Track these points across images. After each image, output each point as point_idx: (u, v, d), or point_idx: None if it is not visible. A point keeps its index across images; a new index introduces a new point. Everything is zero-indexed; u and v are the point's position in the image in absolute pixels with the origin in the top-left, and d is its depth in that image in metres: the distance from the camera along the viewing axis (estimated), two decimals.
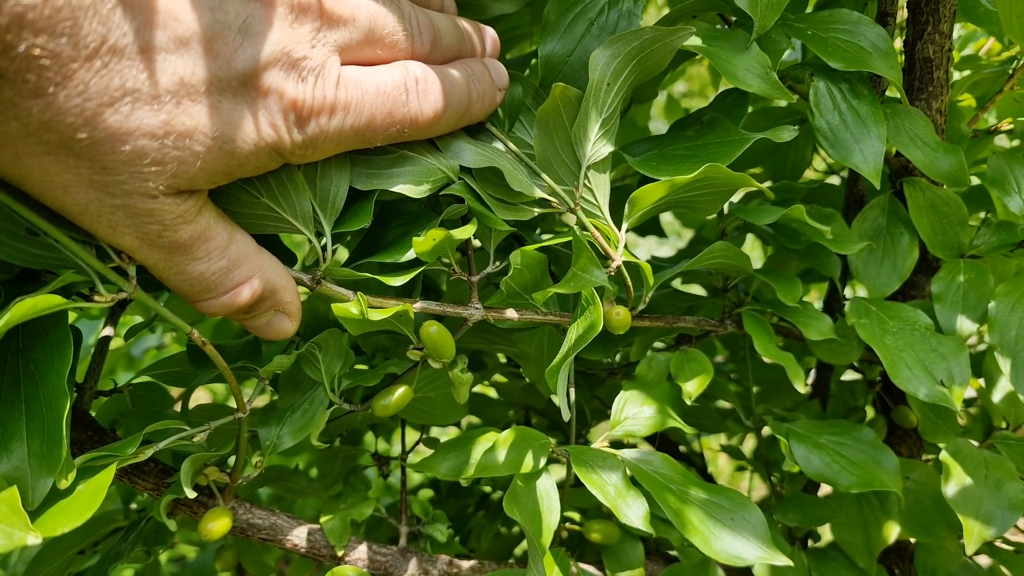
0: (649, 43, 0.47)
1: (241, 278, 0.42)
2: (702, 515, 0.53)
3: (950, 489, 0.63)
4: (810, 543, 0.78)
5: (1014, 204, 0.66)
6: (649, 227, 0.96)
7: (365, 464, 0.64)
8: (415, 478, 1.08)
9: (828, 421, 0.70)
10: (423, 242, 0.46)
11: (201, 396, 2.17)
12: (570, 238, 0.53)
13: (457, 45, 0.47)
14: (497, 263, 0.53)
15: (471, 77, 0.47)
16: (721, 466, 1.89)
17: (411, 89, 0.43)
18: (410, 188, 0.47)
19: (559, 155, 0.51)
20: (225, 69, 0.36)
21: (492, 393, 0.85)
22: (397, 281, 0.47)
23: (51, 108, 0.32)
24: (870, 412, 0.83)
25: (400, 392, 0.53)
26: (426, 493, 0.93)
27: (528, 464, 0.54)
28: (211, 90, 0.36)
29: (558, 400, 0.47)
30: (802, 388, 0.62)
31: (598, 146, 0.50)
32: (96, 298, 0.40)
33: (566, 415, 0.46)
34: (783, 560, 0.51)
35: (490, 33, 0.51)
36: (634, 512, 0.52)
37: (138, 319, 1.02)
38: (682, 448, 1.01)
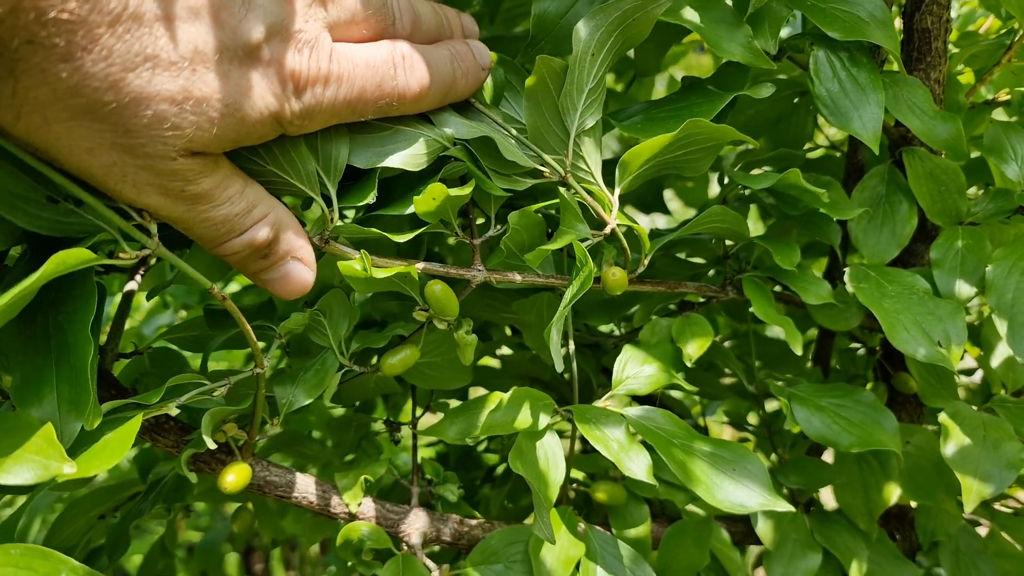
0: (631, 12, 0.49)
1: (259, 216, 0.44)
2: (705, 466, 0.55)
3: (949, 449, 0.64)
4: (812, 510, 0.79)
5: (1011, 171, 0.67)
6: (654, 204, 0.97)
7: (377, 431, 0.66)
8: (425, 452, 1.10)
9: (829, 385, 0.71)
10: (423, 200, 0.48)
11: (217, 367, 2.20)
12: (545, 203, 0.54)
13: (436, 28, 0.50)
14: (499, 227, 0.55)
15: (454, 56, 0.50)
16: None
17: (398, 64, 0.45)
18: (408, 161, 0.49)
19: (549, 126, 0.53)
20: (232, 38, 0.38)
21: (497, 365, 0.87)
22: (402, 238, 0.49)
23: (79, 73, 0.34)
24: (871, 381, 0.85)
25: (406, 351, 0.55)
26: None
27: (531, 421, 0.56)
28: (221, 58, 0.38)
29: (552, 354, 0.48)
30: (799, 350, 0.64)
31: (586, 116, 0.52)
32: (121, 255, 0.42)
33: (559, 366, 0.48)
34: (784, 506, 0.53)
35: (467, 18, 0.54)
36: (637, 465, 0.54)
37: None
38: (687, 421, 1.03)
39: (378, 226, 0.49)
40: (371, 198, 0.48)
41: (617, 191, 0.54)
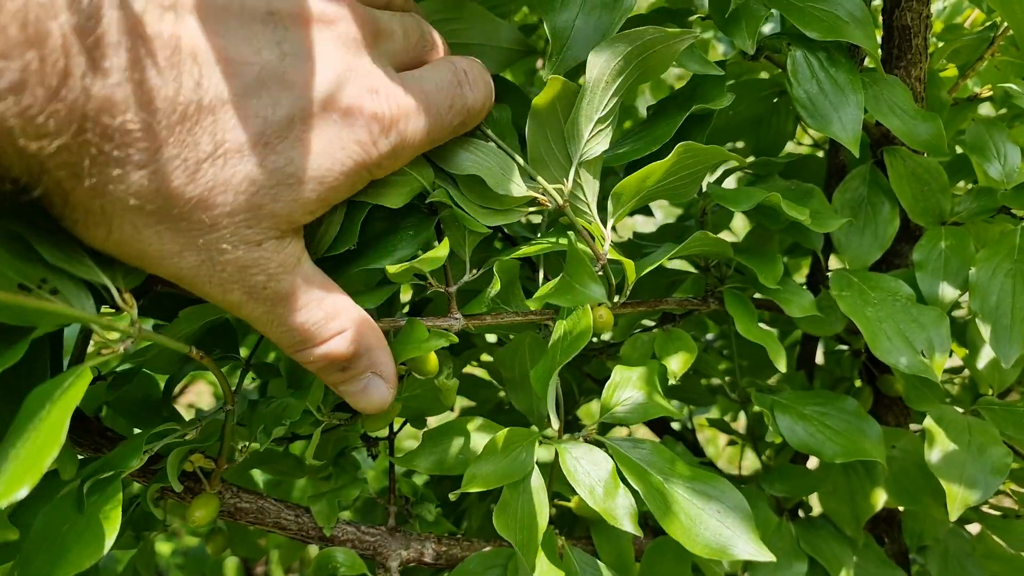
0: (651, 44, 0.47)
1: (337, 328, 0.43)
2: (689, 508, 0.53)
3: (934, 456, 0.63)
4: (801, 514, 0.78)
5: (994, 170, 0.66)
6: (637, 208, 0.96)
7: (355, 445, 0.64)
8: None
9: (812, 392, 0.70)
10: (398, 273, 0.46)
11: (201, 388, 2.18)
12: (550, 244, 0.53)
13: (435, 43, 0.49)
14: (474, 271, 0.53)
15: (478, 63, 0.49)
16: (721, 444, 1.90)
17: (463, 81, 0.45)
18: (385, 200, 0.47)
19: (552, 150, 0.51)
20: (302, 98, 0.37)
21: (483, 373, 0.85)
22: (374, 302, 0.49)
23: (157, 176, 0.34)
24: (857, 383, 0.84)
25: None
26: (421, 477, 0.93)
27: (518, 470, 0.54)
28: (294, 124, 0.37)
29: (548, 407, 0.48)
30: (783, 367, 0.62)
31: (591, 144, 0.50)
32: (103, 352, 0.39)
33: (555, 423, 0.47)
34: (767, 556, 0.52)
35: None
36: (622, 513, 0.53)
37: None
38: (675, 425, 1.02)
39: (353, 277, 0.48)
40: (352, 244, 0.47)
41: (611, 223, 0.52)
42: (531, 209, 0.52)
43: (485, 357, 0.87)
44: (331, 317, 0.43)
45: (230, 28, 0.35)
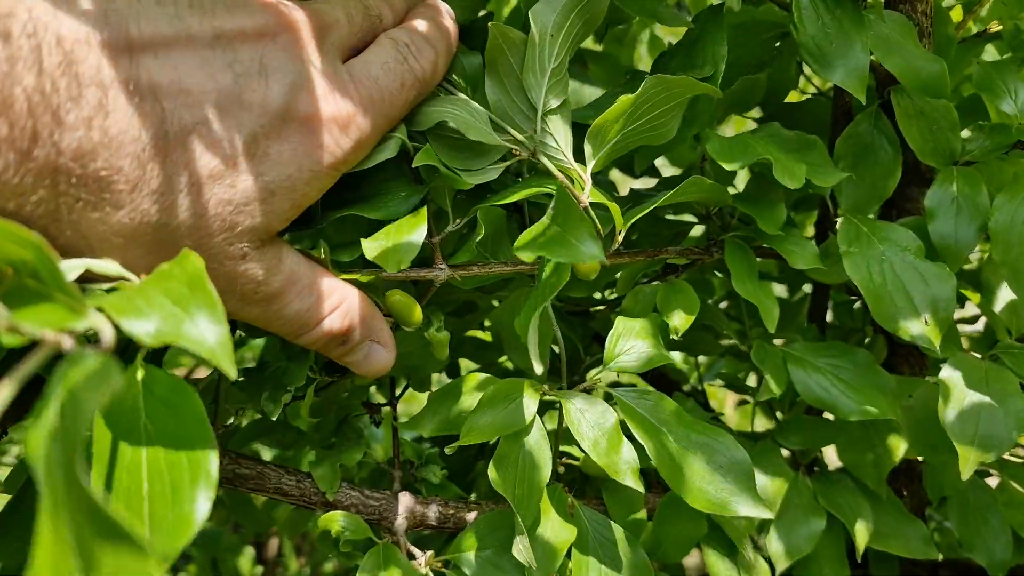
0: None
1: (331, 307, 0.45)
2: (694, 463, 0.52)
3: (948, 414, 0.61)
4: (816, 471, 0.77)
5: (1007, 106, 0.64)
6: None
7: (357, 412, 0.63)
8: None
9: (825, 344, 0.69)
10: (373, 247, 0.45)
11: None
12: (535, 188, 0.51)
13: (380, 15, 0.48)
14: (457, 221, 0.52)
15: (435, 14, 0.49)
16: (729, 411, 1.88)
17: (407, 55, 0.45)
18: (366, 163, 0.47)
19: (513, 102, 0.51)
20: (262, 115, 0.38)
21: (487, 337, 0.84)
22: (348, 257, 0.48)
23: (135, 214, 0.36)
24: (869, 335, 0.82)
25: None
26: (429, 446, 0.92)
27: (517, 421, 0.53)
28: (258, 141, 0.38)
29: (531, 357, 0.47)
30: (772, 328, 0.61)
31: (550, 96, 0.50)
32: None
33: (537, 368, 0.46)
34: (766, 513, 0.51)
35: None
36: (624, 468, 0.52)
37: None
38: (685, 388, 1.00)
39: (338, 229, 0.48)
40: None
41: (590, 166, 0.51)
42: (508, 163, 0.52)
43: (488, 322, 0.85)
44: (323, 298, 0.45)
45: (183, 59, 0.36)
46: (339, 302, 0.46)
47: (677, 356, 1.13)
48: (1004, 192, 0.61)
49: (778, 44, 0.71)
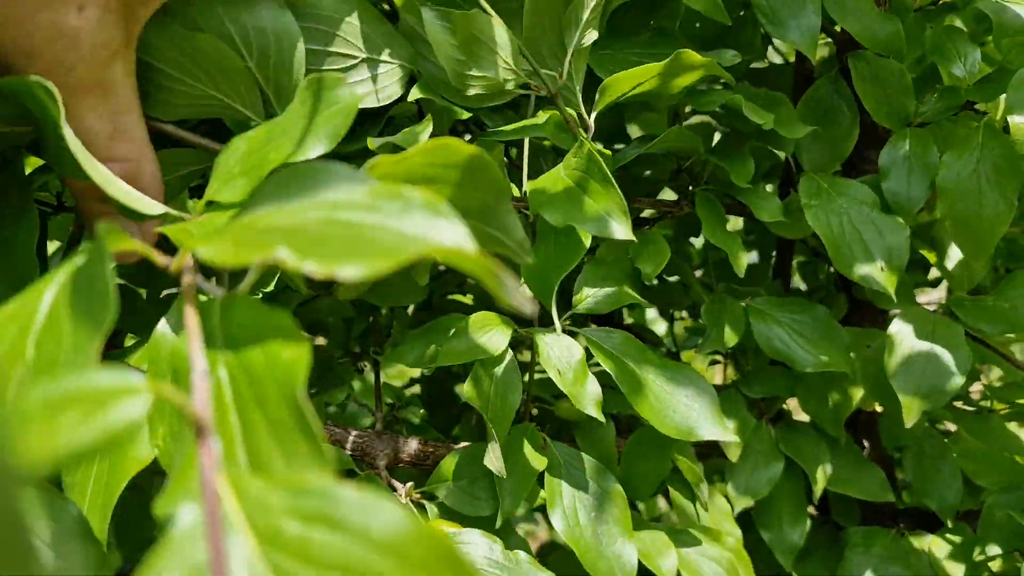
0: None
1: (118, 155, 0.40)
2: (658, 390, 0.56)
3: (893, 365, 0.65)
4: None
5: (958, 70, 0.67)
6: (616, 136, 0.97)
7: (340, 358, 0.66)
8: (405, 377, 1.10)
9: (787, 299, 0.72)
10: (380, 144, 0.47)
11: None
12: (535, 124, 0.53)
13: None
14: None
15: None
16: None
17: None
18: (372, 100, 0.48)
19: (547, 36, 0.50)
20: None
21: (469, 300, 0.87)
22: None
23: None
24: (832, 293, 0.85)
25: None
26: (415, 389, 0.96)
27: (490, 347, 0.57)
28: None
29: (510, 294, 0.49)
30: (741, 271, 0.65)
31: (586, 31, 0.50)
32: None
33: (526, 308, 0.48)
34: (731, 436, 0.55)
35: None
36: (588, 399, 0.55)
37: None
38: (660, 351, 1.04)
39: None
40: None
41: (594, 114, 0.54)
42: (520, 92, 0.52)
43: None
44: (117, 136, 0.39)
45: None
46: (128, 157, 0.40)
47: (651, 314, 1.16)
48: (951, 151, 0.65)
49: (742, 13, 0.74)
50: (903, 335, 0.67)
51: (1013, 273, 0.70)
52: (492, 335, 0.57)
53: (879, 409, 0.79)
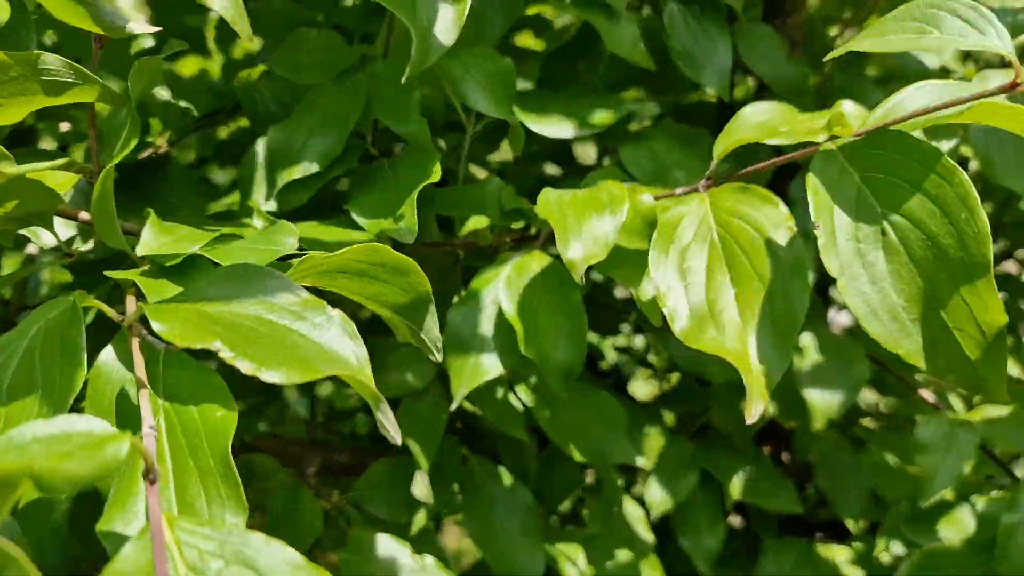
0: None
1: None
2: (570, 418, 0.62)
3: (803, 374, 0.70)
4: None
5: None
6: None
7: None
8: None
9: None
10: None
11: None
12: None
13: None
14: None
15: None
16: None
17: None
18: None
19: None
20: None
21: None
22: None
23: None
24: None
25: None
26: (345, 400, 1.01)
27: (416, 383, 0.62)
28: None
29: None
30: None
31: None
32: None
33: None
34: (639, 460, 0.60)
35: None
36: (514, 418, 0.62)
37: None
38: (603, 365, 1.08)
39: None
40: None
41: None
42: None
43: None
44: None
45: None
46: None
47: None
48: None
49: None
50: (813, 345, 0.72)
51: None
52: (420, 369, 0.62)
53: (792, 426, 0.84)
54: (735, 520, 0.93)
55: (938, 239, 0.35)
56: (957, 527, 0.72)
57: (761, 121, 0.51)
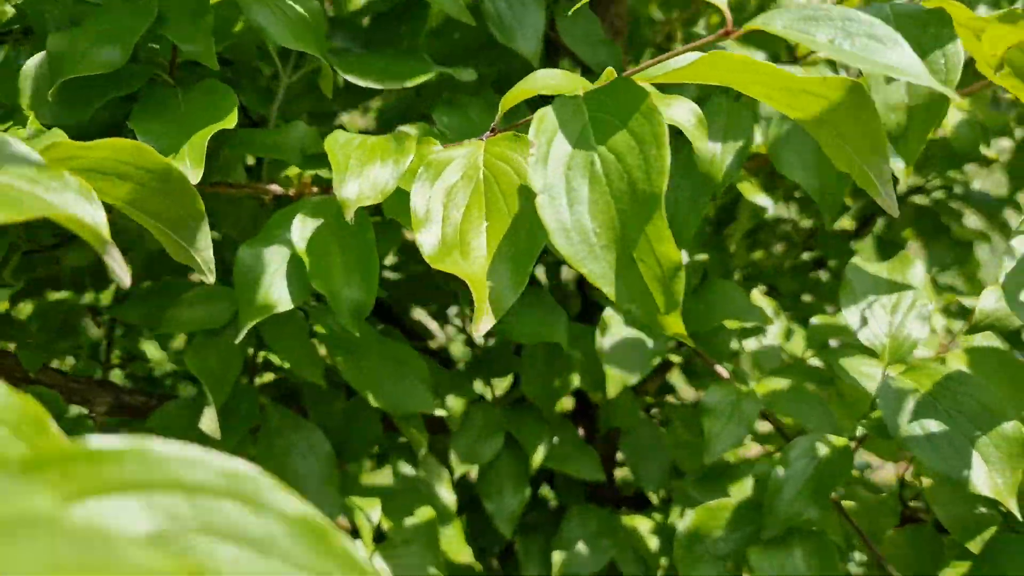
0: None
1: None
2: (371, 369, 0.63)
3: (604, 343, 0.74)
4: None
5: None
6: None
7: (83, 315, 0.69)
8: None
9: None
10: None
11: None
12: None
13: None
14: None
15: None
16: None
17: None
18: None
19: None
20: None
21: None
22: None
23: None
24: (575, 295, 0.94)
25: None
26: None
27: (214, 321, 0.62)
28: None
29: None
30: None
31: None
32: None
33: None
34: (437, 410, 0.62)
35: None
36: (315, 368, 0.62)
37: None
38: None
39: None
40: None
41: None
42: None
43: None
44: None
45: None
46: None
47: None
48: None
49: None
50: (615, 320, 0.75)
51: (711, 280, 0.79)
52: (220, 306, 0.62)
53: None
54: (548, 494, 0.96)
55: (632, 172, 0.38)
56: (742, 490, 0.77)
57: (547, 82, 0.54)
